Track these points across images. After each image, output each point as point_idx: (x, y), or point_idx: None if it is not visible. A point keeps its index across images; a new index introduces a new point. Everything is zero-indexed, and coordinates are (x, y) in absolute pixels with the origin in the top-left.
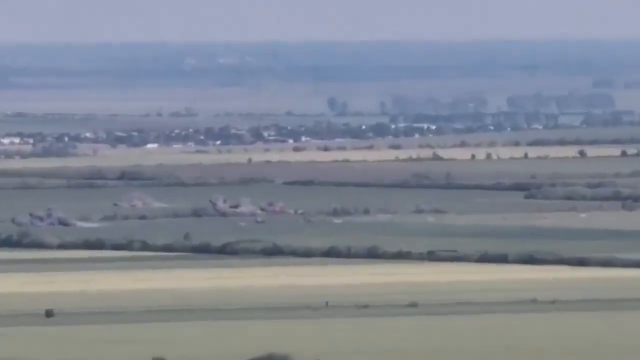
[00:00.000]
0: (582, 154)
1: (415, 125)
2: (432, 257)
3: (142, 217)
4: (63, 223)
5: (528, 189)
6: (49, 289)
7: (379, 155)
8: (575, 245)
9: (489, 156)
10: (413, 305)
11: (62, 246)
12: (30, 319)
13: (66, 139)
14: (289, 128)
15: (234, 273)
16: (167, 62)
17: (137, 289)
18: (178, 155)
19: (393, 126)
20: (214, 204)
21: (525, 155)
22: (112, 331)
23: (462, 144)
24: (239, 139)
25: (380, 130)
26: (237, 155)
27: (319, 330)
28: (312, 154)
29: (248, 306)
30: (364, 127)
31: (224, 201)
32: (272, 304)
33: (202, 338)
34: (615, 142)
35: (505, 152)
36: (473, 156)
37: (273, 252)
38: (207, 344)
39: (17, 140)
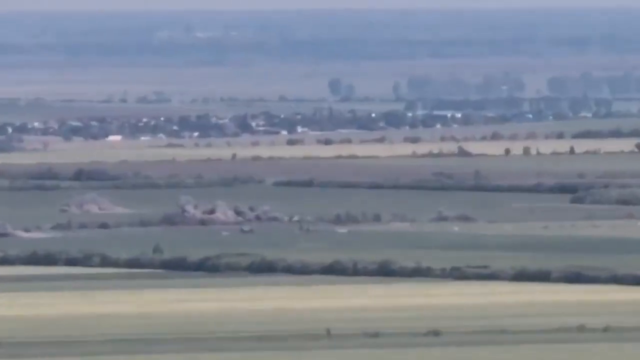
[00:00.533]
0: None
1: (437, 113)
2: (457, 274)
3: (103, 226)
4: (4, 233)
5: (575, 191)
6: None
7: (392, 149)
8: (632, 260)
9: (526, 151)
10: (434, 333)
11: (4, 261)
12: None
13: (9, 130)
14: (282, 116)
15: (214, 294)
16: (133, 36)
17: (95, 313)
18: (146, 150)
19: (409, 114)
20: (183, 209)
21: (571, 150)
22: None
23: (494, 136)
24: (220, 130)
25: (393, 120)
26: (219, 150)
27: None
28: (311, 149)
29: (231, 335)
30: (373, 115)
31: (195, 206)
32: (261, 332)
33: None
34: None
35: (546, 146)
36: (507, 151)
37: (262, 269)
38: None
39: None
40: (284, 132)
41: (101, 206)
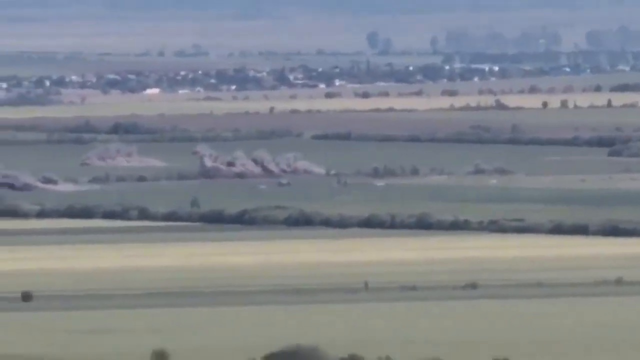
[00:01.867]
0: None
1: (474, 66)
2: (494, 227)
3: (141, 179)
4: (41, 187)
5: (612, 145)
6: (26, 267)
7: (429, 103)
8: None
9: (564, 104)
10: (471, 286)
11: (42, 214)
12: (3, 303)
13: (47, 83)
14: (320, 70)
15: (251, 247)
16: None
17: (133, 266)
18: (184, 104)
19: (447, 67)
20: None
21: (609, 103)
22: (103, 318)
23: (532, 90)
24: (258, 83)
25: (431, 73)
26: (257, 103)
27: (355, 316)
28: (348, 102)
29: (269, 288)
30: (411, 68)
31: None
32: (299, 285)
33: (212, 327)
34: None
35: (584, 99)
36: (545, 104)
37: (300, 222)
38: (218, 334)
39: None
40: (322, 86)
41: (143, 160)
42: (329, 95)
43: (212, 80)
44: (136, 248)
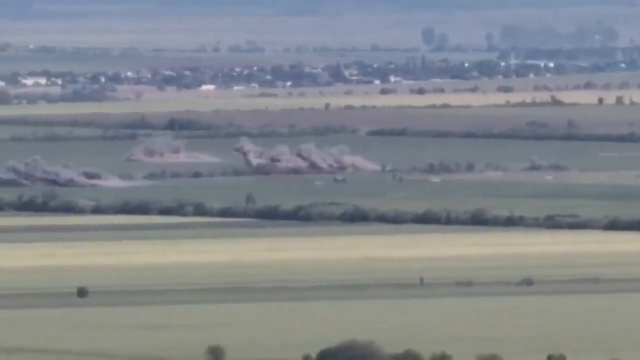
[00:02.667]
0: None
1: (530, 62)
2: (550, 223)
3: (196, 175)
4: (97, 183)
5: None
6: (81, 263)
7: (485, 99)
8: None
9: (619, 100)
10: (527, 282)
11: (98, 210)
12: (59, 299)
13: (102, 79)
14: (375, 66)
15: (306, 243)
16: None
17: (188, 262)
18: (239, 100)
19: (502, 64)
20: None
21: None
22: (158, 314)
23: (587, 86)
24: (313, 80)
25: (486, 69)
26: (312, 100)
27: (411, 312)
28: (404, 98)
29: (324, 283)
30: (466, 64)
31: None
32: (354, 280)
33: (268, 322)
34: None
35: (639, 95)
36: (600, 100)
37: (355, 218)
38: (273, 329)
39: (42, 80)
40: (377, 82)
41: (198, 156)
42: (384, 92)
43: (268, 77)
44: (192, 244)
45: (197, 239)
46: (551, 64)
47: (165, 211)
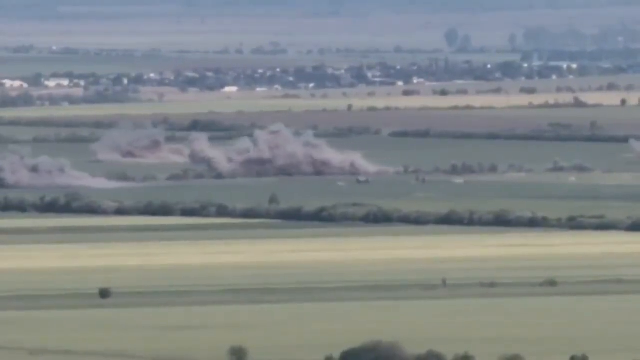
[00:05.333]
0: None
1: (553, 64)
2: (573, 224)
3: (219, 176)
4: (122, 183)
5: None
6: (104, 264)
7: (508, 100)
8: None
9: None
10: (551, 283)
11: (121, 211)
12: (82, 300)
13: (125, 81)
14: (398, 67)
15: (330, 244)
16: None
17: (211, 264)
18: (262, 101)
19: (525, 65)
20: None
21: None
22: (181, 315)
23: (610, 87)
24: (336, 81)
25: (510, 70)
26: (335, 101)
27: (434, 313)
28: (427, 99)
29: (347, 285)
30: (489, 66)
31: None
32: (377, 281)
33: (290, 323)
34: None
35: None
36: (624, 102)
37: (378, 219)
38: (296, 330)
39: (65, 82)
40: (400, 83)
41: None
42: (407, 93)
43: (290, 78)
44: (215, 245)
45: (220, 240)
46: (574, 66)
47: (188, 212)
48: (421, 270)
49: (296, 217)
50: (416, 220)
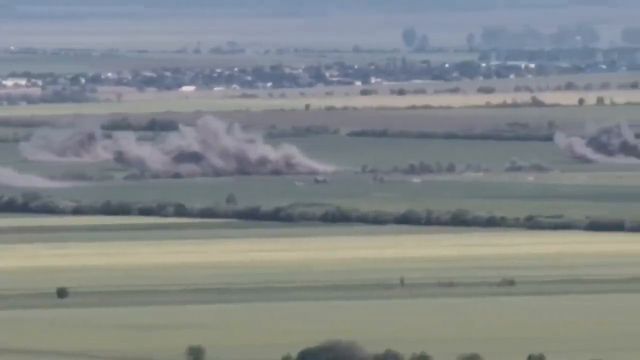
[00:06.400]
0: None
1: (511, 63)
2: (531, 224)
3: (176, 176)
4: (78, 182)
5: None
6: (61, 263)
7: (466, 100)
8: None
9: (600, 101)
10: (509, 283)
11: (78, 211)
12: (39, 299)
13: (83, 80)
14: (356, 67)
15: (288, 244)
16: None
17: (170, 263)
18: (220, 101)
19: (483, 65)
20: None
21: None
22: (139, 315)
23: (568, 87)
24: (294, 81)
25: (467, 70)
26: (292, 101)
27: (392, 313)
28: (384, 99)
29: (305, 284)
30: (447, 65)
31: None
32: (335, 281)
33: (248, 323)
34: None
35: (620, 96)
36: (581, 101)
37: (336, 219)
38: (254, 330)
39: (23, 82)
40: (358, 83)
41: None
42: (364, 93)
43: (248, 78)
44: (173, 245)
45: (177, 240)
46: (532, 65)
47: (145, 212)
48: (379, 270)
49: (254, 217)
50: (374, 220)
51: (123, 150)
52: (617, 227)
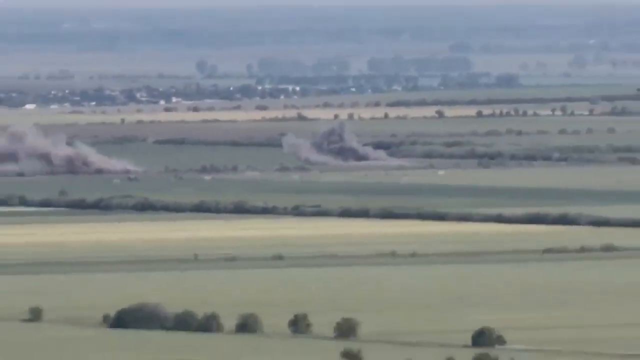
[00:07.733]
0: (440, 114)
1: (281, 86)
2: (297, 212)
3: (20, 174)
4: None
5: (389, 148)
6: None
7: (246, 115)
8: (434, 201)
9: (351, 116)
10: (279, 257)
11: None
12: None
13: None
14: (160, 89)
15: (108, 228)
16: (44, 26)
17: (13, 242)
18: (55, 116)
19: (260, 87)
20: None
21: (386, 116)
22: None
23: (326, 105)
24: (112, 100)
25: (247, 92)
26: (111, 116)
27: (188, 281)
28: (183, 114)
29: (120, 259)
30: (232, 88)
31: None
32: (145, 256)
33: (78, 289)
34: (472, 103)
35: (366, 113)
36: (336, 116)
37: (145, 207)
38: (83, 294)
39: None
40: (162, 102)
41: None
42: (167, 110)
43: (77, 98)
44: (17, 228)
45: (20, 225)
46: (297, 88)
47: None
48: (178, 248)
49: (81, 207)
50: (174, 209)
51: None
52: (363, 214)
